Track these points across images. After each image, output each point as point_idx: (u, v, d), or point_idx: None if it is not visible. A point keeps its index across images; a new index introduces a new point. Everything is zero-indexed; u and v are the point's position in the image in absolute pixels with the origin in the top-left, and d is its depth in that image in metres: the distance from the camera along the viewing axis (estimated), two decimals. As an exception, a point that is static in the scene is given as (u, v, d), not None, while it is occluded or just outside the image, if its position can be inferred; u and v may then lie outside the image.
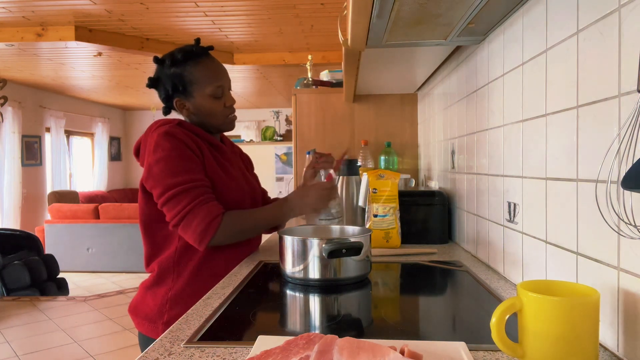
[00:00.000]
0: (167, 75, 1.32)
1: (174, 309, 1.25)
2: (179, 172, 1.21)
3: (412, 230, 1.61)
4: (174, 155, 1.22)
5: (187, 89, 1.31)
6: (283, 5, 3.68)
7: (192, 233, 1.21)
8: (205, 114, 1.34)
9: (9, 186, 6.24)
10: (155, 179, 1.22)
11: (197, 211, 1.20)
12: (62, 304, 4.78)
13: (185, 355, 0.71)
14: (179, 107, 1.35)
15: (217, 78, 1.33)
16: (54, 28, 4.14)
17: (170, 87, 1.32)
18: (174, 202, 1.21)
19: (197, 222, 1.20)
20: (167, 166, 1.21)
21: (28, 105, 6.76)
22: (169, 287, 1.28)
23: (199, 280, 1.27)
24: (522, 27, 1.01)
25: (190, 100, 1.33)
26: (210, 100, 1.32)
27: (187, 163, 1.23)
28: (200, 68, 1.31)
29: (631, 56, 0.62)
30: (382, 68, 1.87)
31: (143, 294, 1.32)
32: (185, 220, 1.21)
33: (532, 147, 0.95)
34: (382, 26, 1.15)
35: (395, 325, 0.84)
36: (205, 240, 1.21)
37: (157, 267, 1.29)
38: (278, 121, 7.96)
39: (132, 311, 1.33)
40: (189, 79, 1.31)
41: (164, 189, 1.21)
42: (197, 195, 1.21)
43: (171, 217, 1.22)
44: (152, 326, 1.26)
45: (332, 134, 2.67)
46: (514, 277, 1.08)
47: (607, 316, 0.68)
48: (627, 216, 0.61)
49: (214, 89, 1.32)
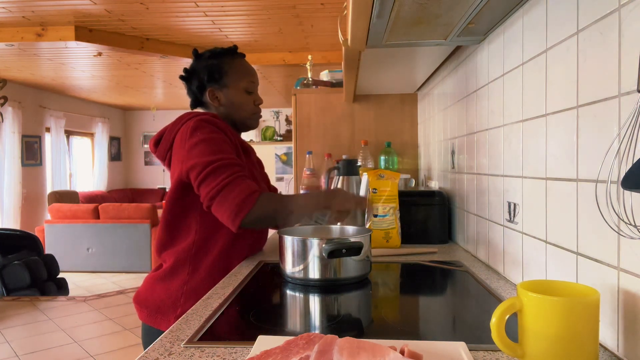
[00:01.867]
0: (205, 66, 1.40)
1: (188, 303, 1.25)
2: (218, 150, 1.23)
3: (412, 230, 1.61)
4: (214, 137, 1.25)
5: (223, 78, 1.39)
6: (283, 5, 3.68)
7: (229, 206, 1.17)
8: (235, 106, 1.40)
9: (9, 186, 6.24)
10: (194, 160, 1.22)
11: (235, 184, 1.19)
12: (62, 304, 4.78)
13: (185, 355, 0.71)
14: (211, 97, 1.40)
15: (251, 74, 1.43)
16: (54, 28, 4.14)
17: (207, 76, 1.39)
18: (212, 177, 1.19)
19: (235, 194, 1.17)
20: (208, 146, 1.23)
21: (28, 105, 6.76)
22: (184, 280, 1.27)
23: (215, 275, 1.27)
24: (522, 27, 1.01)
25: (224, 91, 1.39)
26: (243, 93, 1.40)
27: (226, 146, 1.26)
28: (237, 63, 1.41)
29: (631, 56, 0.62)
30: (382, 68, 1.87)
31: (152, 285, 1.31)
32: (222, 193, 1.18)
33: (532, 147, 0.95)
34: (382, 26, 1.15)
35: (395, 325, 0.84)
36: (241, 215, 1.16)
37: (172, 258, 1.29)
38: (278, 121, 7.97)
39: (142, 303, 1.31)
40: (226, 69, 1.39)
41: (204, 166, 1.20)
42: (236, 171, 1.21)
43: (207, 192, 1.19)
44: (164, 318, 1.26)
45: (332, 134, 2.67)
46: (514, 277, 1.08)
47: (607, 316, 0.68)
48: (627, 216, 0.61)
49: (248, 84, 1.41)
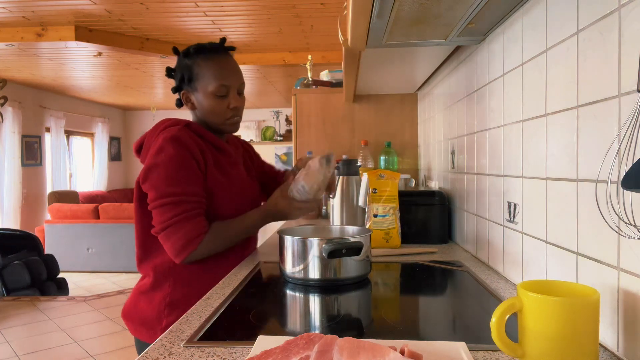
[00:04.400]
0: (179, 67, 1.34)
1: (173, 315, 1.23)
2: (175, 181, 1.20)
3: (412, 230, 1.61)
4: (175, 163, 1.20)
5: (193, 82, 1.31)
6: (283, 5, 3.68)
7: (171, 246, 1.20)
8: (206, 112, 1.32)
9: (9, 186, 6.24)
10: (151, 183, 1.21)
11: (180, 226, 1.19)
12: (62, 304, 4.78)
13: (185, 355, 0.71)
14: (185, 100, 1.35)
15: (223, 77, 1.29)
16: (54, 28, 4.14)
17: (179, 78, 1.33)
18: (162, 210, 1.20)
19: (178, 237, 1.19)
20: (166, 173, 1.20)
21: (28, 105, 6.75)
22: (166, 292, 1.26)
23: (198, 284, 1.25)
24: (522, 27, 1.01)
25: (195, 95, 1.32)
26: (213, 98, 1.30)
27: (186, 173, 1.22)
28: (209, 64, 1.29)
29: (631, 56, 0.62)
30: (382, 68, 1.87)
31: (136, 299, 1.30)
32: (166, 232, 1.20)
33: (532, 147, 0.95)
34: (382, 26, 1.15)
35: (395, 325, 0.84)
36: (181, 256, 1.20)
37: (152, 271, 1.28)
38: (278, 121, 7.97)
39: (127, 317, 1.30)
40: (196, 72, 1.30)
41: (157, 195, 1.20)
42: (186, 209, 1.20)
43: (156, 221, 1.21)
44: (150, 332, 1.24)
45: (332, 134, 2.67)
46: (514, 277, 1.08)
47: (607, 316, 0.68)
48: (627, 216, 0.61)
49: (217, 87, 1.28)
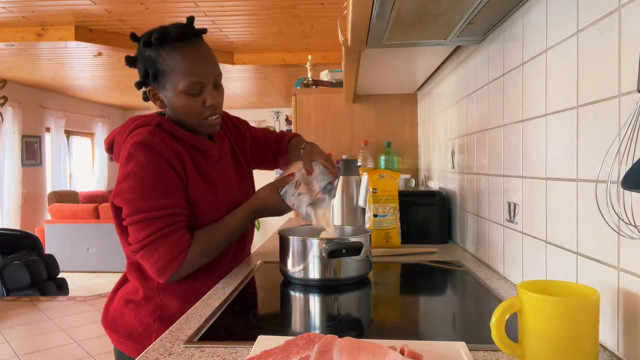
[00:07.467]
0: (141, 58, 1.11)
1: (163, 328, 1.09)
2: (149, 194, 1.05)
3: (412, 230, 1.61)
4: (148, 172, 1.05)
5: (159, 78, 1.09)
6: (283, 5, 3.68)
7: (150, 266, 1.07)
8: (179, 112, 1.12)
9: (9, 186, 6.23)
10: (123, 197, 1.05)
11: (158, 244, 1.05)
12: (62, 304, 4.78)
13: (185, 355, 0.71)
14: (153, 98, 1.14)
15: (193, 72, 1.07)
16: (54, 28, 4.13)
17: (142, 72, 1.11)
18: (137, 227, 1.05)
19: (157, 256, 1.05)
20: (139, 185, 1.05)
21: (28, 105, 6.75)
22: (156, 304, 1.13)
23: (191, 298, 1.11)
24: (522, 27, 1.01)
25: (163, 93, 1.11)
26: (184, 97, 1.09)
27: (161, 183, 1.06)
28: (176, 57, 1.06)
29: (631, 56, 0.62)
30: (382, 68, 1.87)
31: (122, 307, 1.16)
32: (144, 251, 1.06)
33: (532, 147, 0.95)
34: (382, 26, 1.15)
35: (395, 325, 0.84)
36: (164, 276, 1.07)
37: (139, 281, 1.15)
38: (278, 121, 7.97)
39: (110, 326, 1.16)
40: (162, 67, 1.07)
41: (131, 211, 1.05)
42: (163, 225, 1.05)
43: (132, 242, 1.07)
44: (138, 347, 1.12)
45: (332, 134, 2.67)
46: (514, 277, 1.08)
47: (607, 316, 0.68)
48: (627, 216, 0.61)
49: (188, 85, 1.07)
